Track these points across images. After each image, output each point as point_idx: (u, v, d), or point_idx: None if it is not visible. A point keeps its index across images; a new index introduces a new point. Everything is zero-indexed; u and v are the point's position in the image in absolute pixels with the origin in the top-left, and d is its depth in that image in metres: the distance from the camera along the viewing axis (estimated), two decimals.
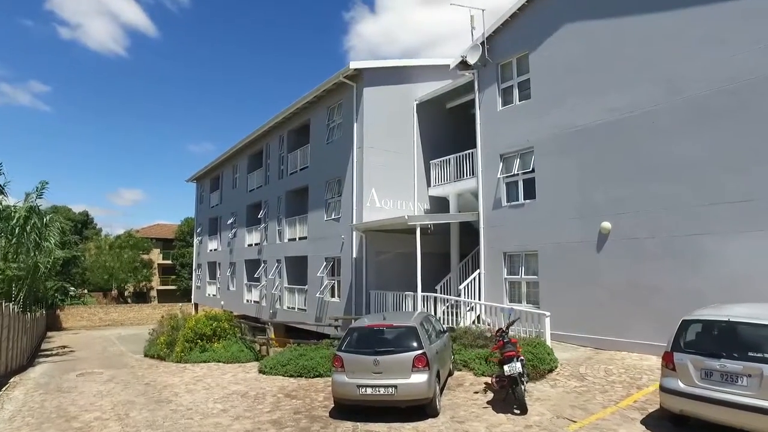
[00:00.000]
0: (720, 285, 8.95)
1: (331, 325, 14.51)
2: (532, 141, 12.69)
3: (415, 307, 13.04)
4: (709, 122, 9.38)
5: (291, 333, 21.59)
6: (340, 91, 16.76)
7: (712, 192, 9.29)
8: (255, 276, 22.18)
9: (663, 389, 5.91)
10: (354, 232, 15.34)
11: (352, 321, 9.78)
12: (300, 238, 19.05)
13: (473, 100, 16.32)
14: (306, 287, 18.19)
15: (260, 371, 11.50)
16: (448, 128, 17.60)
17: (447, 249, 16.48)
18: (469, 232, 16.09)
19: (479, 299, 13.26)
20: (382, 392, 6.88)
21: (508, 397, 7.33)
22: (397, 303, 13.70)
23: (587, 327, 10.90)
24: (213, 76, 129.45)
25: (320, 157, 17.96)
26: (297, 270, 19.92)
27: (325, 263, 16.97)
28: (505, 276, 13.17)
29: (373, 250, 15.11)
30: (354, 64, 15.32)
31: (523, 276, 12.75)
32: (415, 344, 7.11)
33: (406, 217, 12.22)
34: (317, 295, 16.98)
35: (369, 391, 6.94)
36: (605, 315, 10.70)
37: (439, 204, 16.41)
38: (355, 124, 15.81)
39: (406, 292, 13.38)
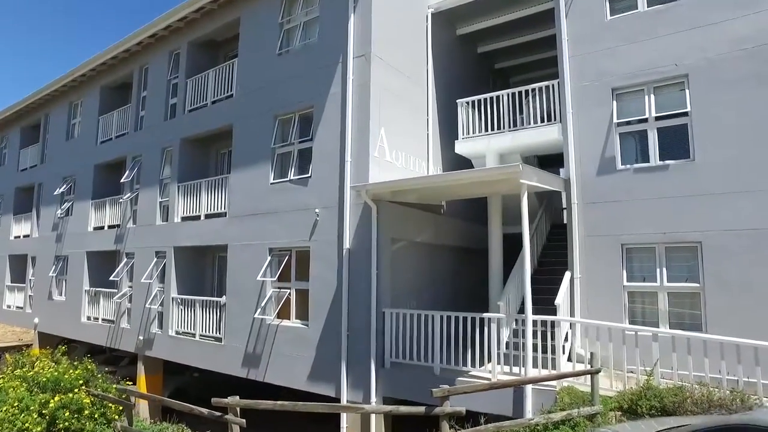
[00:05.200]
0: None
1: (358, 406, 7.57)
2: (685, 65, 7.82)
3: (504, 340, 7.05)
4: None
5: (170, 375, 13.76)
6: None
7: None
8: (110, 279, 13.36)
9: None
10: (348, 203, 8.65)
11: None
12: (209, 216, 11.36)
13: (502, 26, 11.27)
14: (223, 300, 10.64)
15: None
16: (463, 62, 11.95)
17: (467, 243, 10.96)
18: (483, 217, 10.50)
19: (571, 317, 7.88)
20: None
21: None
22: (454, 335, 7.48)
23: None
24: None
25: (262, 78, 10.65)
26: (199, 269, 12.14)
27: (269, 258, 9.79)
28: (625, 282, 8.02)
29: (387, 236, 8.58)
30: None
31: (664, 283, 7.73)
32: None
33: (521, 168, 6.19)
34: (255, 315, 9.71)
35: None
36: None
37: (459, 167, 10.53)
38: (351, 17, 9.13)
39: (482, 315, 7.26)
